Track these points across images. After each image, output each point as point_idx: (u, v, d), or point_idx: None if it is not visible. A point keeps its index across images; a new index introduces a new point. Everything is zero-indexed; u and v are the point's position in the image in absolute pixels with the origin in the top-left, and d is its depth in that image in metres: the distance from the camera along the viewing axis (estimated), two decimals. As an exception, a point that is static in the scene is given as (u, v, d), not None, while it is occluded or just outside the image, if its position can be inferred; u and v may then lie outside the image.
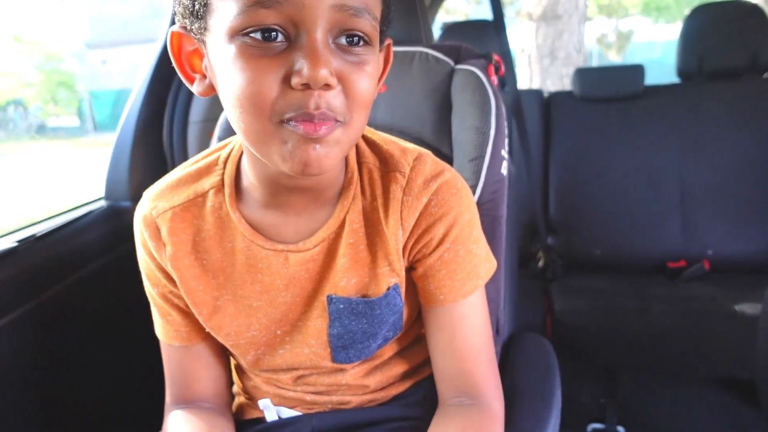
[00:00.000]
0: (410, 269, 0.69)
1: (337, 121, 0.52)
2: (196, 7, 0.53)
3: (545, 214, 2.05)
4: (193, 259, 0.67)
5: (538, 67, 4.73)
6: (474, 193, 0.88)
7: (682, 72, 2.01)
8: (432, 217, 0.65)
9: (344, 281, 0.66)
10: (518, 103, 2.00)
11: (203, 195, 0.67)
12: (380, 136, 0.71)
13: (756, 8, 1.94)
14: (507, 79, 2.08)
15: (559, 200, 2.06)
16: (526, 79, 4.85)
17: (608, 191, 2.01)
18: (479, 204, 0.87)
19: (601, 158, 2.03)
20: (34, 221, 1.08)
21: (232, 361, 0.81)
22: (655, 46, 12.05)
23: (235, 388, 0.85)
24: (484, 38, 2.16)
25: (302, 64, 0.48)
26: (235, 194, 0.66)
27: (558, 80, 4.68)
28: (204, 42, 0.55)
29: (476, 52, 1.04)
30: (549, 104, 2.13)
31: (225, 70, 0.51)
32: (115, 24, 15.01)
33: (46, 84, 12.64)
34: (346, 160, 0.67)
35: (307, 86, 0.49)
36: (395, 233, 0.65)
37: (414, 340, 0.78)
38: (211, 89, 0.58)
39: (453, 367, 0.68)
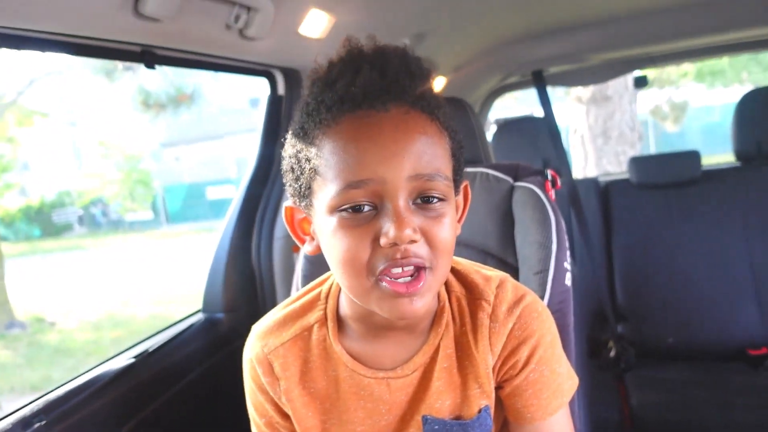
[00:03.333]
0: (497, 388, 0.74)
1: (425, 268, 0.61)
2: (302, 190, 0.65)
3: (613, 302, 2.05)
4: (301, 388, 0.73)
5: (592, 147, 4.79)
6: (541, 305, 0.94)
7: (740, 155, 2.03)
8: (516, 340, 0.71)
9: (439, 403, 0.71)
10: (575, 194, 2.07)
11: (309, 329, 0.74)
12: (463, 266, 0.77)
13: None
14: (562, 171, 2.17)
15: (626, 287, 2.05)
16: (581, 158, 4.90)
17: (675, 276, 2.00)
18: (546, 315, 0.93)
19: (664, 243, 2.03)
20: (145, 337, 1.22)
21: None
22: (713, 110, 11.88)
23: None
24: (536, 133, 2.27)
25: (389, 228, 0.59)
26: (337, 327, 0.74)
27: (614, 158, 4.71)
28: (310, 214, 0.67)
29: (533, 169, 1.14)
30: (607, 192, 2.18)
31: (327, 238, 0.63)
32: (187, 124, 16.29)
33: (125, 182, 13.69)
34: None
35: (394, 244, 0.59)
36: (485, 357, 0.71)
37: None
38: (319, 249, 0.69)
39: None
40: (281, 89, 1.52)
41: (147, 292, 7.18)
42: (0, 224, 13.00)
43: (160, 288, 7.23)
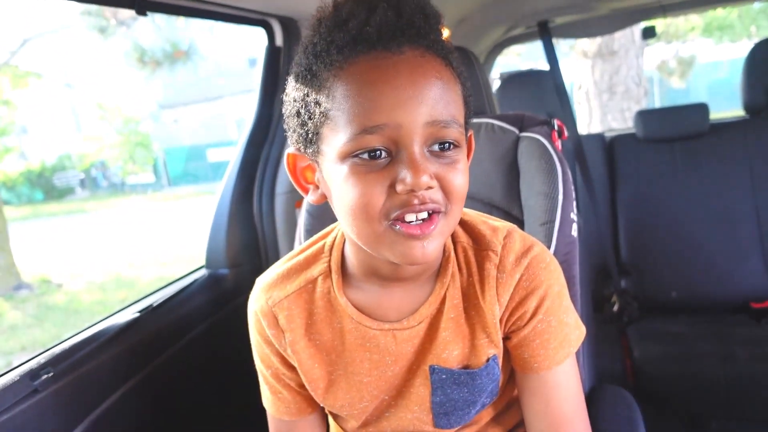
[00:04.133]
0: (505, 339, 0.73)
1: (440, 212, 0.60)
2: (309, 136, 0.63)
3: (616, 257, 2.04)
4: (307, 340, 0.73)
5: (597, 102, 4.70)
6: (547, 255, 0.93)
7: (748, 107, 1.99)
8: (524, 291, 0.70)
9: (446, 353, 0.71)
10: (580, 149, 2.04)
11: (313, 281, 0.74)
12: (471, 217, 0.76)
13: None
14: (567, 125, 2.12)
15: (630, 242, 2.05)
16: (586, 114, 4.82)
17: (680, 231, 1.99)
18: (552, 266, 0.92)
19: (669, 198, 2.02)
20: (149, 292, 1.22)
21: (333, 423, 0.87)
22: (720, 65, 11.64)
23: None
24: (541, 87, 2.22)
25: (405, 174, 0.57)
26: (341, 279, 0.73)
27: (619, 114, 4.63)
28: (317, 161, 0.65)
29: (539, 119, 1.11)
30: (612, 147, 2.15)
31: (338, 185, 0.61)
32: (185, 85, 16.08)
33: (125, 145, 13.60)
34: None
35: (411, 191, 0.58)
36: (492, 308, 0.70)
37: (507, 404, 0.82)
38: (323, 198, 0.68)
39: None
40: (279, 40, 1.47)
41: (151, 253, 7.24)
42: (2, 188, 13.01)
43: (165, 250, 7.29)
